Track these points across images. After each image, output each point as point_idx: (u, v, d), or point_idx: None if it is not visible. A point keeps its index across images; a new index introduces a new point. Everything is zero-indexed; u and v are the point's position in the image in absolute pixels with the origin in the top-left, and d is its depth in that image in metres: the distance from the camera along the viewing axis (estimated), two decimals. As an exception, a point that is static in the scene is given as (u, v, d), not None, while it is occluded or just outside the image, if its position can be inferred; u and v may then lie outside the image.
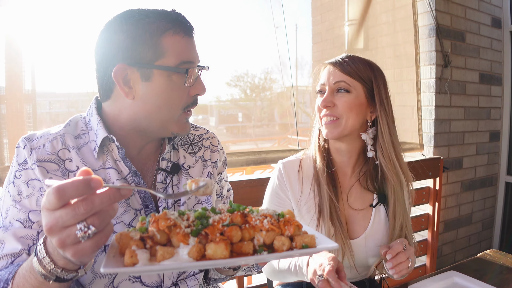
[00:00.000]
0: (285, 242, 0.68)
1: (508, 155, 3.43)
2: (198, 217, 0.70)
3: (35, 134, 0.99)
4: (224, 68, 2.68)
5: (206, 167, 1.20)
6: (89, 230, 0.59)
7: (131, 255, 0.61)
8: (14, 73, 1.71)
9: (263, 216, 0.72)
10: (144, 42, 0.93)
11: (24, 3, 1.71)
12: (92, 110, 1.05)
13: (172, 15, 0.97)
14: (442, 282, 1.25)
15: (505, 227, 3.48)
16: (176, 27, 0.95)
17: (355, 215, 1.38)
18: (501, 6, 3.28)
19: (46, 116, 1.97)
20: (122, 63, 0.93)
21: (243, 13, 2.65)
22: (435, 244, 2.73)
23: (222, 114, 10.02)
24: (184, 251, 0.63)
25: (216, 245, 0.63)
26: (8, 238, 0.89)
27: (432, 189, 2.71)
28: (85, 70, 1.96)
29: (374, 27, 3.18)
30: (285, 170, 1.41)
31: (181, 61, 0.95)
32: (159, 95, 0.96)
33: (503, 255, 1.51)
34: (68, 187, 0.57)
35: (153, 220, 0.67)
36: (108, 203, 0.61)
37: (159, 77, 0.95)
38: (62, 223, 0.58)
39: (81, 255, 0.60)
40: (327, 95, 1.31)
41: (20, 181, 0.93)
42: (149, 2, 1.00)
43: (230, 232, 0.66)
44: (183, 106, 0.99)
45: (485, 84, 3.21)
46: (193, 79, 0.99)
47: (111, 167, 1.00)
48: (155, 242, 0.65)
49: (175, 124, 1.00)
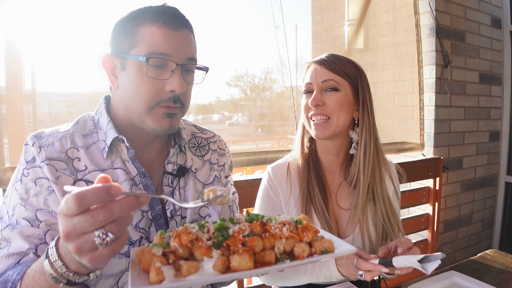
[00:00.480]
0: (305, 249, 0.70)
1: (508, 155, 3.43)
2: (218, 228, 0.71)
3: (44, 132, 0.99)
4: (224, 68, 2.71)
5: (213, 170, 1.19)
6: (107, 237, 0.58)
7: (157, 272, 0.61)
8: (14, 73, 1.71)
9: (282, 224, 0.73)
10: (125, 33, 0.96)
11: (24, 3, 1.71)
12: (101, 109, 1.05)
13: (157, 8, 0.96)
14: (442, 282, 1.25)
15: (505, 227, 3.48)
16: (154, 17, 0.93)
17: (344, 214, 1.39)
18: (501, 6, 3.27)
19: (46, 116, 1.97)
20: (109, 53, 0.98)
21: (243, 13, 2.66)
22: (435, 244, 2.73)
23: (222, 114, 10.07)
24: (208, 264, 0.64)
25: (241, 257, 0.63)
26: (15, 236, 0.89)
27: (432, 189, 2.71)
28: (85, 70, 1.96)
29: (374, 27, 3.18)
30: (274, 174, 1.41)
31: (151, 51, 0.92)
32: (130, 85, 0.95)
33: (503, 255, 1.50)
34: (88, 194, 0.57)
35: (174, 235, 0.67)
36: (127, 210, 0.60)
37: (131, 67, 0.94)
38: (80, 229, 0.58)
39: (97, 261, 0.60)
40: (316, 94, 1.30)
41: (27, 179, 0.92)
42: (149, 2, 1.00)
43: (252, 243, 0.67)
44: (156, 99, 0.95)
45: (485, 84, 3.21)
46: (166, 73, 0.94)
47: (119, 168, 1.00)
48: (177, 256, 0.66)
49: (150, 119, 0.96)
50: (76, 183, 0.94)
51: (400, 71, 3.06)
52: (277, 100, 3.62)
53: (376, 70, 3.19)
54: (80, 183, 0.95)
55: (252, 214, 0.78)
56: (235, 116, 3.86)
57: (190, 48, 0.99)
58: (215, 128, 1.24)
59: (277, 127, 8.22)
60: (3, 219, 0.93)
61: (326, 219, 1.31)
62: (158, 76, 0.94)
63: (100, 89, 2.00)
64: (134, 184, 1.01)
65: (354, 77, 1.33)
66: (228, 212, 1.25)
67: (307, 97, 1.34)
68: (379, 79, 3.17)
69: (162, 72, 0.94)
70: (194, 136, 1.23)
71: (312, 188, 1.36)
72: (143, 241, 0.99)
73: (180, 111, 1.01)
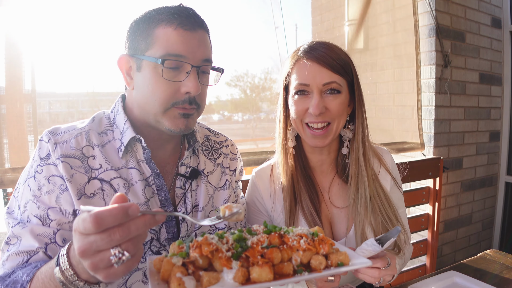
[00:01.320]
0: (322, 261, 0.72)
1: (508, 155, 3.43)
2: (236, 239, 0.72)
3: (60, 128, 0.98)
4: (224, 68, 2.70)
5: (225, 174, 1.19)
6: (123, 256, 0.58)
7: (178, 283, 0.61)
8: (14, 73, 1.71)
9: (299, 236, 0.75)
10: (140, 34, 0.95)
11: (24, 3, 1.71)
12: (118, 108, 1.05)
13: (173, 8, 0.95)
14: (442, 282, 1.25)
15: (505, 227, 3.48)
16: (170, 18, 0.93)
17: (339, 213, 1.28)
18: (501, 6, 3.27)
19: (46, 116, 1.97)
20: (124, 54, 0.98)
21: (243, 13, 2.65)
22: (435, 244, 2.72)
23: (222, 114, 10.06)
24: (229, 275, 0.65)
25: (261, 268, 0.64)
26: (25, 234, 0.89)
27: (432, 189, 2.71)
28: (85, 70, 1.96)
29: (374, 27, 3.18)
30: (257, 180, 1.33)
31: (166, 53, 0.92)
32: (146, 86, 0.95)
33: (503, 255, 1.50)
34: (107, 216, 0.56)
35: (195, 246, 0.68)
36: (144, 229, 0.60)
37: (147, 68, 0.94)
38: (96, 247, 0.58)
39: (112, 278, 0.60)
40: (318, 100, 1.13)
41: (41, 176, 0.92)
42: (149, 2, 1.00)
43: (271, 254, 0.68)
44: (171, 100, 0.95)
45: (485, 84, 3.21)
46: (181, 75, 0.94)
47: (133, 167, 1.00)
48: (196, 267, 0.66)
49: (166, 119, 0.96)
50: (91, 181, 0.94)
51: (399, 71, 3.06)
52: (277, 100, 3.60)
53: (376, 70, 3.19)
54: (94, 182, 0.95)
55: (269, 225, 0.79)
56: (235, 116, 3.86)
57: (206, 49, 0.98)
58: (215, 128, 1.24)
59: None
60: (14, 214, 0.93)
61: (316, 222, 1.21)
62: (174, 78, 0.94)
63: (100, 89, 2.01)
64: (147, 184, 1.01)
65: (350, 71, 1.19)
66: None
67: (300, 99, 1.18)
68: (379, 79, 3.17)
69: (177, 74, 0.94)
70: (208, 139, 1.23)
71: (299, 192, 1.25)
72: (154, 242, 0.99)
73: (196, 112, 1.00)
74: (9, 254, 0.88)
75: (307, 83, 1.15)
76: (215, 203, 1.14)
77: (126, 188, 0.97)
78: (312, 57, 1.15)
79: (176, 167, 1.10)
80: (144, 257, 0.97)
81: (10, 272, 0.85)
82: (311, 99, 1.16)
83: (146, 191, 0.99)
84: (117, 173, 0.97)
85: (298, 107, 1.18)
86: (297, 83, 1.17)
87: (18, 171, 1.61)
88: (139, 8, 1.00)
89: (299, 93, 1.18)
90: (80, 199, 0.91)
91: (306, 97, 1.17)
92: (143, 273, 0.98)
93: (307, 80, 1.15)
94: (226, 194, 1.17)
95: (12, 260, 0.87)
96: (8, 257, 0.88)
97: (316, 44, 1.19)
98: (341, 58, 1.17)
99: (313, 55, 1.15)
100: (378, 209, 1.21)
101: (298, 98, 1.18)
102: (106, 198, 0.94)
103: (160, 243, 1.00)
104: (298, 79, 1.17)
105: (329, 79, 1.14)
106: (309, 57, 1.15)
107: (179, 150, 1.13)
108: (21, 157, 1.72)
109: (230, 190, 1.19)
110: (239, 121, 4.20)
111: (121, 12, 1.89)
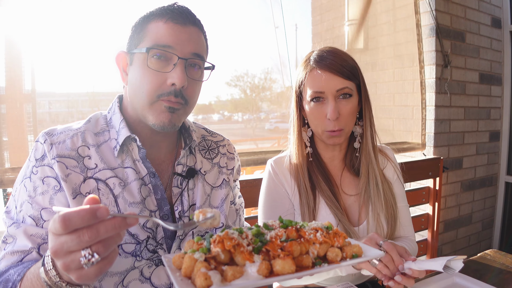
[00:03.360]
0: (338, 253, 0.75)
1: (508, 155, 3.43)
2: (255, 234, 0.74)
3: (56, 129, 0.99)
4: (224, 68, 2.69)
5: (222, 174, 1.19)
6: (93, 258, 0.59)
7: (205, 277, 0.62)
8: (14, 73, 1.71)
9: (314, 230, 0.77)
10: (135, 30, 0.98)
11: (24, 3, 1.71)
12: (114, 108, 1.06)
13: (167, 5, 0.98)
14: (442, 282, 1.25)
15: (505, 227, 3.48)
16: (162, 13, 0.95)
17: (351, 201, 1.39)
18: (501, 6, 3.27)
19: (46, 116, 1.97)
20: (122, 50, 1.01)
21: (243, 13, 2.65)
22: (435, 244, 2.73)
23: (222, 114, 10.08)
24: (252, 269, 0.66)
25: (284, 261, 0.66)
26: (20, 234, 0.90)
27: (432, 189, 2.71)
28: (85, 70, 1.96)
29: (374, 27, 3.18)
30: (277, 167, 1.41)
31: (154, 44, 0.93)
32: (135, 79, 0.96)
33: (503, 255, 1.50)
34: (74, 216, 0.57)
35: (217, 241, 0.69)
36: (113, 232, 0.60)
37: (137, 61, 0.96)
38: (67, 248, 0.59)
39: (84, 279, 0.61)
40: (334, 107, 1.26)
41: (36, 177, 0.93)
42: (149, 2, 1.01)
43: (291, 247, 0.70)
44: (157, 92, 0.94)
45: (485, 84, 3.21)
46: (168, 66, 0.94)
47: (129, 167, 1.00)
48: (218, 262, 0.68)
49: (152, 113, 0.96)
50: (86, 180, 0.95)
51: (400, 71, 3.06)
52: (277, 100, 3.61)
53: (376, 70, 3.19)
54: (90, 181, 0.95)
55: (285, 220, 0.81)
56: (235, 116, 3.86)
57: (196, 45, 0.98)
58: (215, 128, 1.24)
59: (277, 127, 8.21)
60: (11, 214, 0.95)
61: (336, 206, 1.31)
62: (161, 69, 0.94)
63: (100, 89, 2.01)
64: (143, 183, 1.01)
65: (357, 74, 1.31)
66: (235, 216, 1.26)
67: (317, 106, 1.30)
68: (379, 79, 3.17)
69: (164, 66, 0.94)
70: (204, 139, 1.23)
71: (316, 178, 1.37)
72: (150, 240, 0.99)
73: (182, 108, 0.99)
74: (5, 253, 0.89)
75: (322, 90, 1.28)
76: (212, 202, 1.14)
77: (121, 187, 0.97)
78: (324, 66, 1.27)
79: (172, 166, 1.10)
80: (140, 256, 0.97)
81: (4, 270, 0.86)
82: (327, 105, 1.28)
83: (142, 190, 1.00)
84: (113, 172, 0.98)
85: (317, 115, 1.31)
86: (312, 91, 1.29)
87: (18, 171, 1.61)
88: (139, 8, 1.01)
89: (314, 100, 1.30)
90: (75, 198, 0.92)
91: (322, 103, 1.29)
92: (140, 272, 0.98)
93: (322, 88, 1.27)
94: (223, 193, 1.17)
95: (7, 259, 0.88)
96: (4, 256, 0.89)
97: (326, 53, 1.31)
98: (350, 64, 1.29)
99: (324, 64, 1.27)
100: (387, 199, 1.35)
101: (315, 105, 1.30)
102: (101, 197, 0.95)
103: (157, 242, 1.00)
104: (314, 87, 1.29)
105: (341, 85, 1.27)
106: (321, 67, 1.28)
107: (175, 149, 1.14)
108: (21, 157, 1.72)
109: (228, 189, 1.20)
110: (239, 121, 4.19)
111: (121, 12, 1.89)
